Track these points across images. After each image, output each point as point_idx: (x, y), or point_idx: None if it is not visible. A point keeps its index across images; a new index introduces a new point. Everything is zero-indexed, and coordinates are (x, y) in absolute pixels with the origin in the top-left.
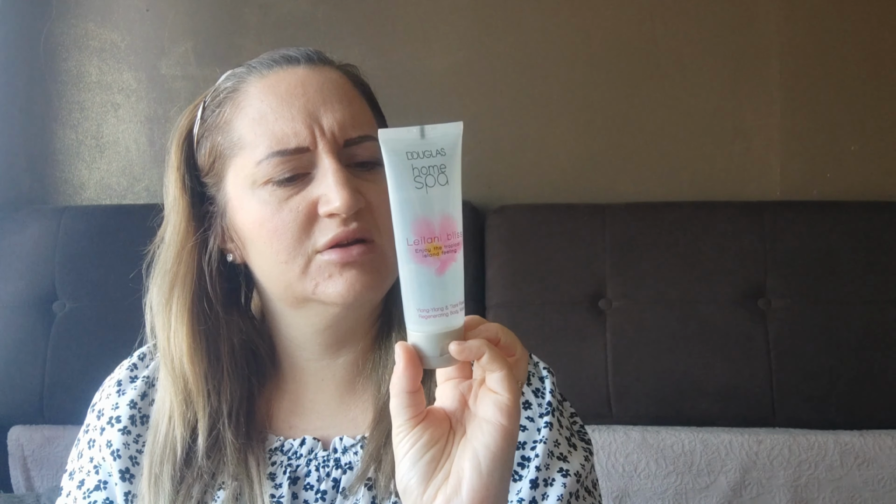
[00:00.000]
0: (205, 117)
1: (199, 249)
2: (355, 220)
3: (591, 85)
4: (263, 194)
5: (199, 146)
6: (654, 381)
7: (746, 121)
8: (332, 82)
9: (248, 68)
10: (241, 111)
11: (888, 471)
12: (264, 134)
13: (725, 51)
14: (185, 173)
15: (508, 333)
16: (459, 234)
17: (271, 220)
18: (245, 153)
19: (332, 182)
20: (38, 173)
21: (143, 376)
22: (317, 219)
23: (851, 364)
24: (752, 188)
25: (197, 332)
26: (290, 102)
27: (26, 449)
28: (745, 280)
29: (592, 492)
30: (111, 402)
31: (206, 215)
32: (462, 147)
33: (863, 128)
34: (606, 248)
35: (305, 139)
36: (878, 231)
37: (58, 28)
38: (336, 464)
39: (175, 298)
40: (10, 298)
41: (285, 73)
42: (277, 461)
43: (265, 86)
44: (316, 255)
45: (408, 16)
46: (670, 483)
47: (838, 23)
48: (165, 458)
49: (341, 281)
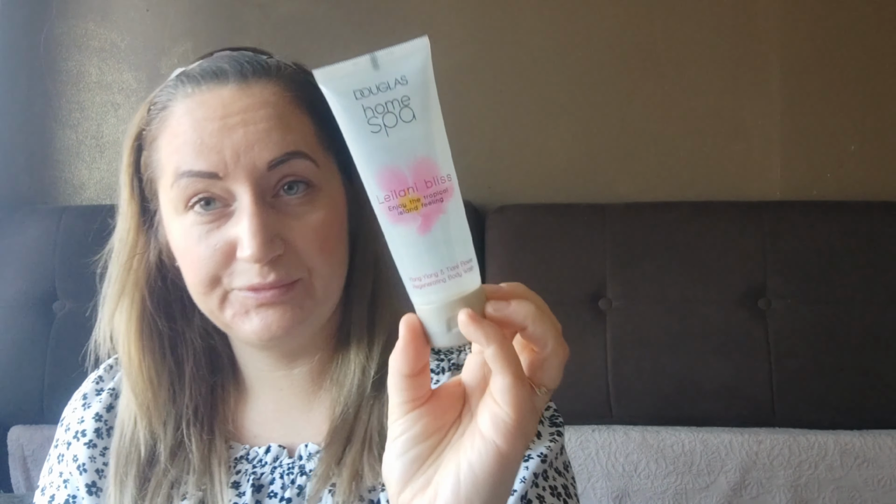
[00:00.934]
0: (147, 121)
1: (147, 257)
2: (273, 270)
3: (591, 85)
4: (185, 223)
5: (142, 151)
6: (654, 381)
7: (746, 121)
8: (260, 102)
9: (179, 81)
10: (166, 130)
11: (888, 471)
12: (175, 158)
13: (725, 51)
14: (133, 177)
15: (543, 319)
16: (447, 178)
17: (191, 252)
18: (165, 175)
19: (246, 227)
20: (38, 173)
21: (108, 388)
22: (234, 259)
23: (851, 364)
24: (752, 188)
25: (150, 340)
26: (204, 127)
27: (26, 449)
28: (745, 280)
29: (564, 473)
30: (77, 415)
31: (152, 225)
32: (462, 146)
33: (863, 128)
34: (606, 248)
35: (215, 165)
36: (878, 231)
37: (58, 28)
38: (301, 471)
39: (125, 306)
40: (10, 298)
41: (210, 94)
42: (242, 469)
43: (186, 108)
44: (234, 290)
45: (408, 16)
46: (670, 483)
47: (838, 23)
48: (130, 459)
49: (257, 320)
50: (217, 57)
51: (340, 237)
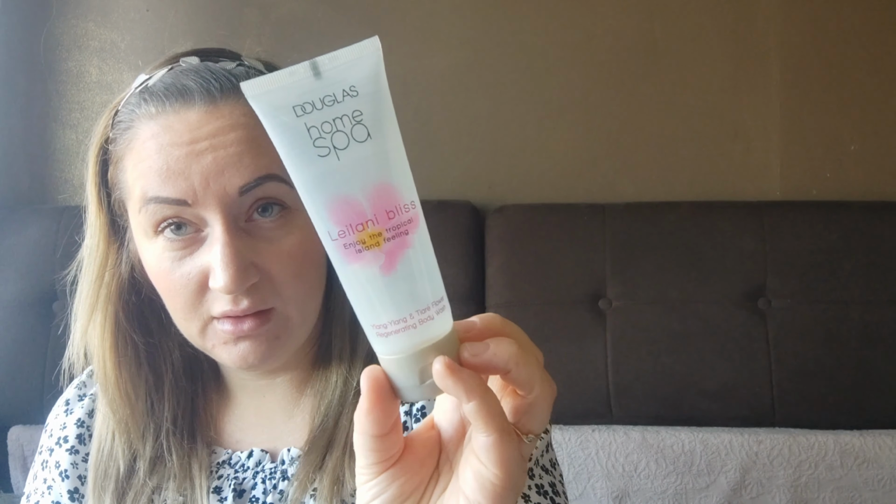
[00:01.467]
0: (112, 136)
1: (119, 272)
2: (247, 297)
3: (591, 85)
4: (156, 248)
5: (109, 167)
6: (654, 381)
7: (746, 121)
8: (230, 125)
9: (142, 99)
10: (130, 151)
11: (888, 471)
12: (141, 183)
13: (725, 51)
14: (101, 189)
15: (527, 359)
16: (411, 206)
17: (166, 279)
18: (132, 199)
19: (218, 257)
20: (38, 173)
21: (90, 394)
22: (208, 288)
23: (851, 364)
24: (752, 188)
25: (126, 354)
26: (170, 152)
27: (26, 449)
28: (745, 280)
29: (551, 470)
30: (59, 421)
31: (122, 239)
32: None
33: (863, 128)
34: (606, 248)
35: (183, 192)
36: (878, 231)
37: (58, 28)
38: (283, 475)
39: (98, 322)
40: (10, 298)
41: (175, 117)
42: (224, 474)
43: (150, 132)
44: (212, 320)
45: (408, 16)
46: (670, 483)
47: (838, 23)
48: (108, 473)
49: (235, 350)
50: (181, 71)
51: (316, 259)
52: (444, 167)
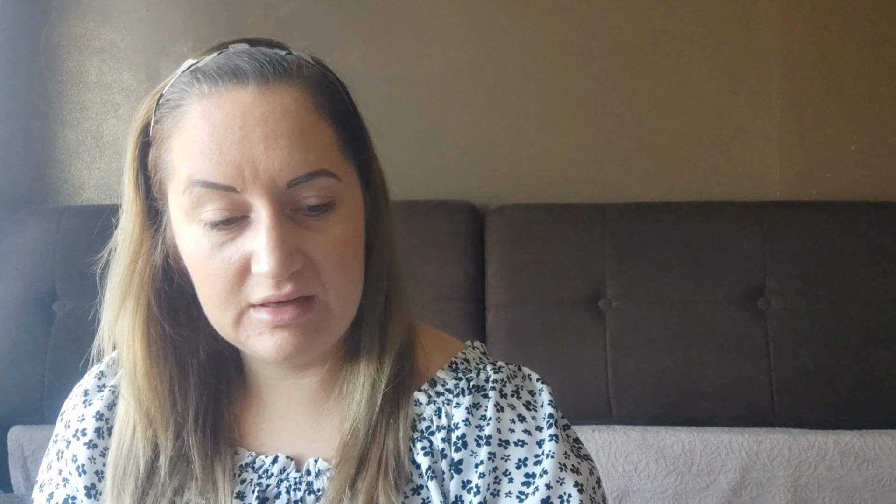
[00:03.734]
0: (157, 117)
1: (153, 257)
2: (291, 282)
3: (591, 85)
4: (198, 232)
5: (150, 147)
6: (654, 381)
7: (746, 121)
8: (280, 110)
9: (195, 78)
10: (179, 131)
11: (888, 471)
12: (188, 164)
13: (725, 51)
14: (139, 172)
15: None
16: None
17: (204, 265)
18: (176, 179)
19: (264, 241)
20: (38, 173)
21: (110, 385)
22: (250, 273)
23: (851, 364)
24: (752, 188)
25: (155, 344)
26: (223, 136)
27: (26, 449)
28: (745, 280)
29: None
30: (77, 413)
31: (159, 224)
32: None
33: (863, 128)
34: (606, 248)
35: (233, 179)
36: (878, 231)
37: (58, 28)
38: (308, 488)
39: (129, 308)
40: (10, 298)
41: (228, 96)
42: (247, 479)
43: (203, 110)
44: (249, 309)
45: (408, 16)
46: (670, 483)
47: (838, 23)
48: (128, 472)
49: (271, 341)
50: (234, 53)
51: (358, 251)
52: (444, 167)
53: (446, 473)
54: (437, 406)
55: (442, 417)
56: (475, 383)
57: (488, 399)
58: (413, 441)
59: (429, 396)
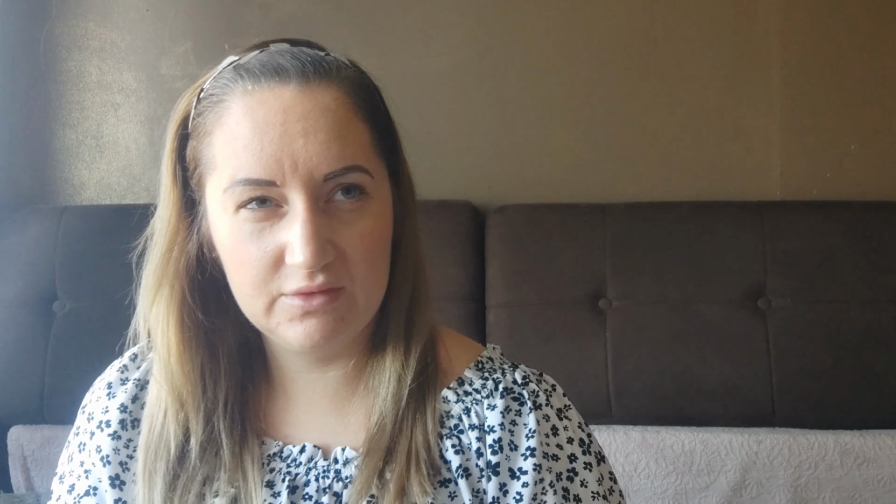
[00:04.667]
0: (196, 112)
1: (188, 246)
2: (322, 273)
3: (591, 85)
4: (235, 222)
5: (189, 140)
6: (654, 381)
7: (746, 121)
8: (320, 109)
9: (237, 73)
10: (221, 126)
11: (888, 471)
12: (231, 161)
13: (725, 51)
14: (177, 163)
15: None
16: None
17: (239, 253)
18: (216, 174)
19: (298, 233)
20: (38, 173)
21: (133, 379)
22: (284, 263)
23: (851, 364)
24: (752, 188)
25: (188, 330)
26: (265, 132)
27: (26, 449)
28: (745, 280)
29: None
30: (101, 405)
31: (195, 214)
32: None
33: (863, 128)
34: (606, 248)
35: (273, 173)
36: (878, 231)
37: (58, 28)
38: (336, 476)
39: (164, 295)
40: (10, 298)
41: (271, 93)
42: (276, 468)
43: (246, 106)
44: (281, 297)
45: (408, 16)
46: (670, 483)
47: (838, 23)
48: (159, 455)
49: (301, 328)
50: (276, 51)
51: (385, 246)
52: (444, 167)
53: (484, 473)
54: (465, 405)
55: (472, 416)
56: (504, 385)
57: (525, 406)
58: (441, 437)
59: (457, 395)
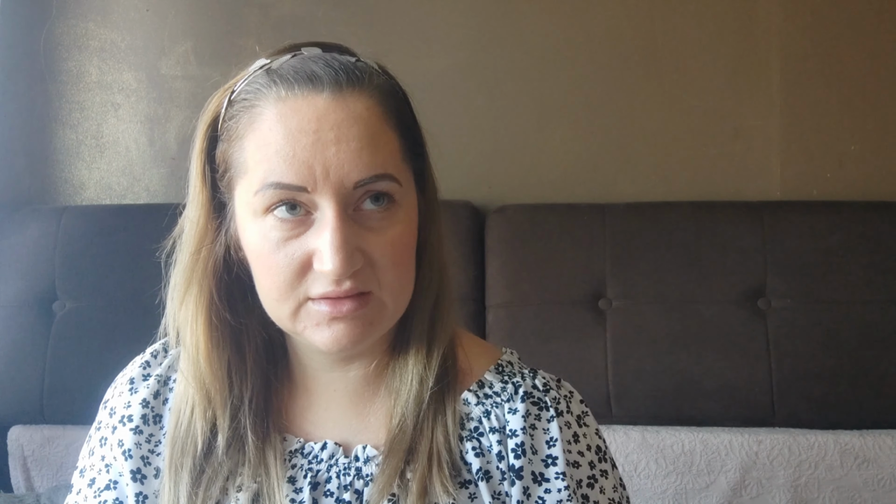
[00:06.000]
0: (228, 115)
1: (216, 247)
2: (350, 279)
3: (591, 85)
4: (264, 227)
5: (218, 142)
6: (654, 381)
7: (746, 121)
8: (352, 118)
9: (270, 79)
10: (253, 131)
11: (888, 471)
12: (264, 166)
13: (725, 51)
14: (206, 164)
15: None
16: None
17: (267, 258)
18: (247, 178)
19: (328, 241)
20: (38, 173)
21: (155, 374)
22: (311, 268)
23: (851, 364)
24: (752, 188)
25: (216, 330)
26: (298, 139)
27: (26, 449)
28: (745, 280)
29: None
30: (123, 400)
31: (223, 216)
32: (462, 146)
33: (863, 128)
34: (606, 248)
35: (305, 180)
36: (878, 231)
37: (58, 28)
38: (357, 473)
39: (193, 294)
40: (10, 298)
41: (304, 101)
42: (298, 464)
43: (279, 113)
44: (308, 301)
45: (408, 16)
46: (670, 483)
47: (838, 23)
48: (186, 450)
49: (328, 332)
50: (308, 57)
51: (412, 252)
52: (444, 167)
53: (506, 477)
54: (485, 408)
55: (492, 419)
56: (525, 389)
57: (547, 412)
58: (461, 439)
59: (477, 397)
